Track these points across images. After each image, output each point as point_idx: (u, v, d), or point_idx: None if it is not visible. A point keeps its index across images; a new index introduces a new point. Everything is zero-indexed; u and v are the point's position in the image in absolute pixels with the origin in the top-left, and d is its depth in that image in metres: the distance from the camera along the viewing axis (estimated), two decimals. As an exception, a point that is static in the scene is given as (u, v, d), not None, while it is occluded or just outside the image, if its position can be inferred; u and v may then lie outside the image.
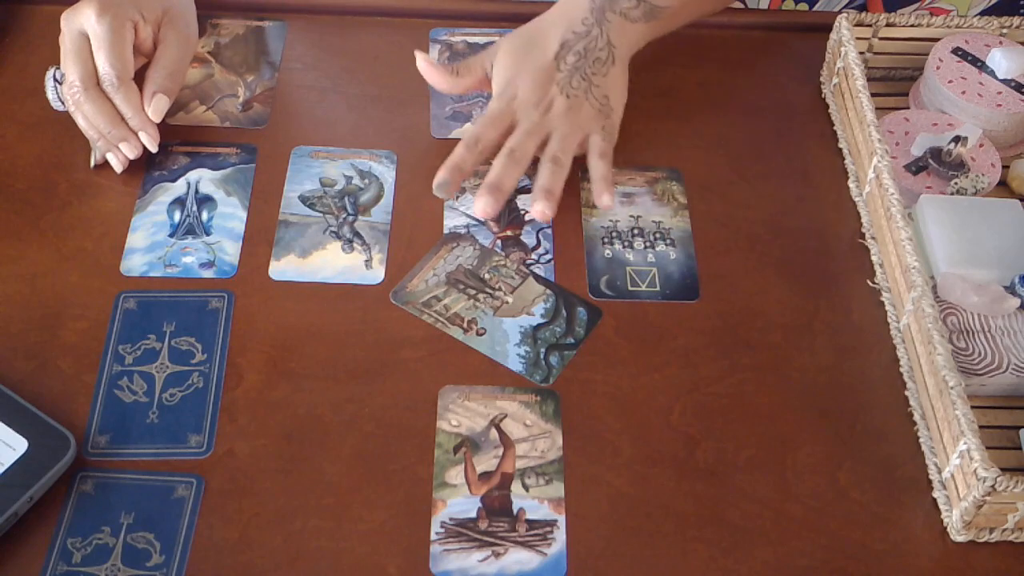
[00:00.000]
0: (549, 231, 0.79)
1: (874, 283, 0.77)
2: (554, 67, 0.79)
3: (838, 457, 0.69)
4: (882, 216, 0.77)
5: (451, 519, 0.65)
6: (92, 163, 0.81)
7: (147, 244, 0.77)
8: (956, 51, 0.86)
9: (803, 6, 1.00)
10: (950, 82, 0.84)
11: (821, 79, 0.91)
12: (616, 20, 0.80)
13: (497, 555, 0.64)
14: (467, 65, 0.82)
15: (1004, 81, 0.84)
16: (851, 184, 0.83)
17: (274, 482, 0.66)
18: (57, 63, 0.80)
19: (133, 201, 0.80)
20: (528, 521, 0.65)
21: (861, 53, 0.86)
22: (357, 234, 0.79)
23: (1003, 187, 0.82)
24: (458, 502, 0.66)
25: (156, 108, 0.79)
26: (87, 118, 0.78)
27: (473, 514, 0.65)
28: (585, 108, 0.79)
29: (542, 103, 0.78)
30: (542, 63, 0.79)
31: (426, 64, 0.81)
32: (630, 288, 0.76)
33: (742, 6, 0.97)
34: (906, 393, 0.71)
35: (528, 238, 0.79)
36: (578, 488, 0.67)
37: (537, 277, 0.77)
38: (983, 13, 1.00)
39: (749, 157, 0.85)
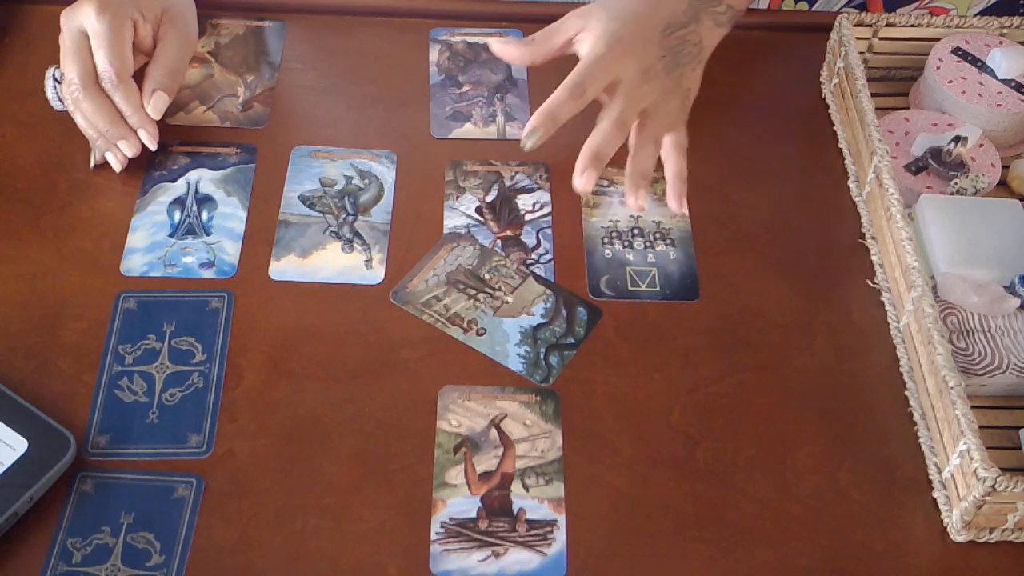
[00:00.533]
0: (549, 231, 0.79)
1: (874, 283, 0.77)
2: (660, 43, 0.75)
3: (838, 457, 0.69)
4: (882, 216, 0.77)
5: (451, 519, 0.65)
6: (92, 163, 0.81)
7: (147, 244, 0.77)
8: (956, 51, 0.86)
9: (803, 6, 1.00)
10: (950, 82, 0.84)
11: (821, 79, 0.91)
12: (707, 23, 0.78)
13: (497, 555, 0.64)
14: (544, 33, 0.77)
15: (1004, 81, 0.84)
16: (851, 184, 0.83)
17: (274, 482, 0.66)
18: (57, 63, 0.80)
19: (133, 201, 0.80)
20: (528, 521, 0.65)
21: (861, 53, 0.86)
22: (357, 234, 0.79)
23: (1003, 187, 0.82)
24: (458, 502, 0.66)
25: (155, 106, 0.79)
26: (86, 116, 0.78)
27: (473, 514, 0.65)
28: (674, 99, 0.76)
29: (649, 72, 0.73)
30: (651, 31, 0.75)
31: (500, 44, 0.77)
32: (630, 288, 0.76)
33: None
34: (906, 393, 0.71)
35: (528, 238, 0.79)
36: (578, 488, 0.67)
37: (537, 277, 0.77)
38: (983, 13, 1.00)
39: (749, 157, 0.85)
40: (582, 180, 0.73)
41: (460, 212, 0.80)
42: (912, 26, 0.86)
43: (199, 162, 0.82)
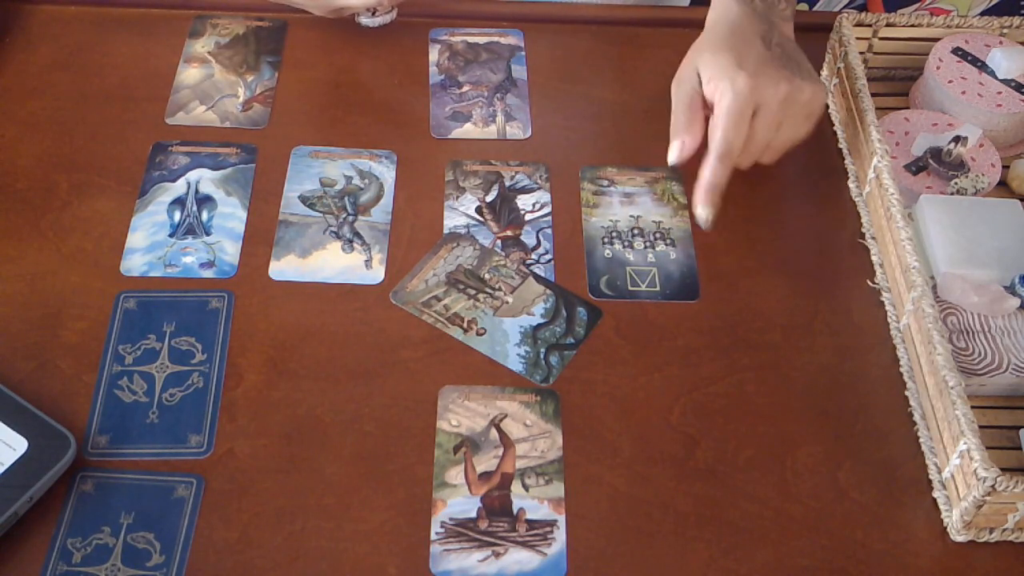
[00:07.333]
0: (549, 231, 0.79)
1: (874, 283, 0.77)
2: (770, 52, 0.76)
3: (838, 457, 0.69)
4: (882, 216, 0.77)
5: (451, 519, 0.65)
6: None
7: (147, 244, 0.77)
8: (956, 51, 0.86)
9: (803, 6, 1.01)
10: (950, 82, 0.84)
11: (821, 79, 0.90)
12: (780, 23, 0.80)
13: (497, 555, 0.64)
14: (678, 115, 0.76)
15: (1004, 81, 0.84)
16: (851, 184, 0.83)
17: (274, 482, 0.66)
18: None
19: (133, 201, 0.80)
20: (528, 521, 0.65)
21: (861, 53, 0.86)
22: (357, 234, 0.79)
23: (1003, 187, 0.82)
24: (458, 502, 0.66)
25: None
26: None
27: (473, 514, 0.65)
28: (808, 87, 0.76)
29: (779, 82, 0.74)
30: (756, 45, 0.75)
31: (676, 156, 0.76)
32: (630, 288, 0.76)
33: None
34: (906, 393, 0.71)
35: (528, 238, 0.79)
36: (578, 488, 0.67)
37: (537, 277, 0.77)
38: (983, 13, 1.00)
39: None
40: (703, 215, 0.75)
41: (460, 212, 0.80)
42: (912, 26, 0.86)
43: (199, 162, 0.82)
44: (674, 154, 0.76)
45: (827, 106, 0.88)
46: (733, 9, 0.79)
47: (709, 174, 0.74)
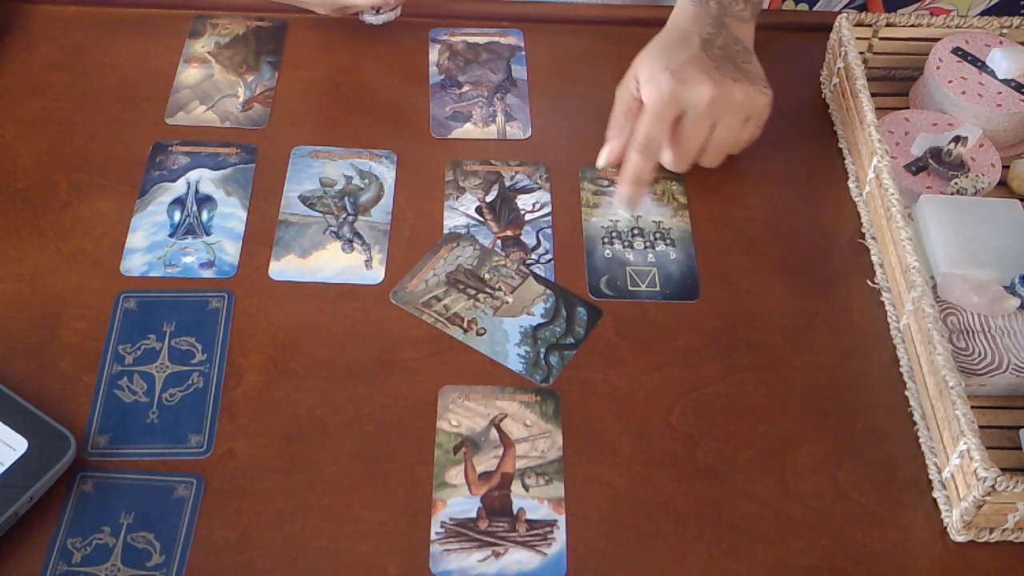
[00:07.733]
0: (549, 231, 0.79)
1: (874, 283, 0.77)
2: (707, 55, 0.77)
3: (838, 457, 0.69)
4: (882, 216, 0.77)
5: (451, 519, 0.65)
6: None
7: (147, 244, 0.77)
8: (956, 51, 0.86)
9: (803, 6, 1.01)
10: (950, 82, 0.84)
11: (821, 79, 0.91)
12: (733, 23, 0.81)
13: (497, 555, 0.64)
14: (616, 118, 0.79)
15: (1004, 81, 0.84)
16: (851, 184, 0.83)
17: (274, 482, 0.66)
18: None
19: (133, 201, 0.80)
20: (528, 521, 0.65)
21: (861, 53, 0.86)
22: (357, 234, 0.79)
23: (1003, 187, 0.82)
24: (458, 502, 0.66)
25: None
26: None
27: (473, 514, 0.65)
28: (741, 91, 0.77)
29: (711, 87, 0.75)
30: (693, 50, 0.77)
31: (603, 159, 0.79)
32: (630, 288, 0.76)
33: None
34: (906, 393, 0.71)
35: (528, 238, 0.79)
36: (578, 488, 0.67)
37: (537, 277, 0.77)
38: (983, 13, 1.00)
39: (749, 157, 0.85)
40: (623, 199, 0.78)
41: (460, 212, 0.80)
42: (912, 26, 0.86)
43: (199, 162, 0.82)
44: (602, 158, 0.79)
45: (827, 107, 0.89)
46: (686, 10, 0.81)
47: (630, 166, 0.76)
